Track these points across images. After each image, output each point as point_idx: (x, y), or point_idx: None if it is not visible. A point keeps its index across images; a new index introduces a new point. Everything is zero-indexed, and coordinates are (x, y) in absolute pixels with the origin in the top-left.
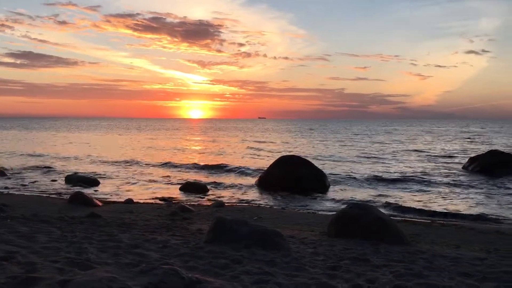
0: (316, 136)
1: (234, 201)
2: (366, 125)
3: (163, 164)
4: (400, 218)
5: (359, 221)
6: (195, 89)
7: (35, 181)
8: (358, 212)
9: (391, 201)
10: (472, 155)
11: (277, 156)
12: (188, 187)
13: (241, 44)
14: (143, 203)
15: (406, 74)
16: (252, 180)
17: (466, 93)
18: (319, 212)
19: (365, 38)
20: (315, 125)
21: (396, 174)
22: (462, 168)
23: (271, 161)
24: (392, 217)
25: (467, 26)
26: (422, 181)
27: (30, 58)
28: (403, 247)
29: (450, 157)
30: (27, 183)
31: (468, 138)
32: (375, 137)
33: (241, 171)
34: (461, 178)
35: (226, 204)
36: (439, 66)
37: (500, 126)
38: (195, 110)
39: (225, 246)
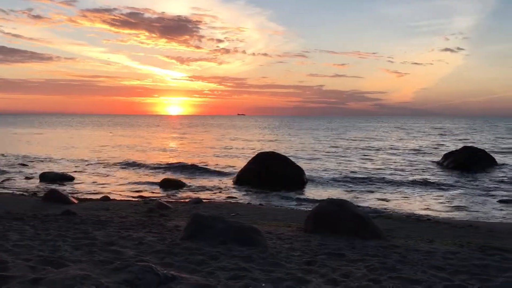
0: (294, 133)
1: (212, 197)
2: (344, 122)
3: (141, 161)
4: (376, 214)
5: (335, 216)
6: (173, 85)
7: (9, 179)
8: (335, 207)
9: (367, 197)
10: (446, 151)
11: (255, 152)
12: (166, 184)
13: (219, 40)
14: (120, 200)
15: (383, 71)
16: (231, 177)
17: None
18: (296, 208)
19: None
20: (294, 121)
21: (372, 171)
22: (437, 164)
23: (249, 158)
24: (368, 213)
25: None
26: (397, 177)
27: (4, 53)
28: (378, 242)
29: (426, 153)
30: (1, 181)
31: (442, 134)
32: (353, 133)
33: (219, 168)
34: (436, 173)
35: (203, 200)
36: (416, 63)
37: (473, 123)
38: (173, 106)
39: (201, 242)
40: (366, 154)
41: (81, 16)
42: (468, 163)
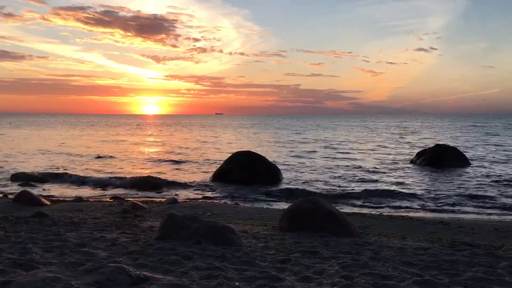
0: (270, 132)
1: (187, 197)
2: (319, 120)
3: (115, 160)
4: (350, 211)
5: (310, 214)
6: (149, 84)
7: None
8: (309, 206)
9: (342, 194)
10: (418, 149)
11: (232, 152)
12: (141, 184)
13: (196, 39)
14: (94, 201)
15: (359, 71)
16: (207, 176)
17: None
18: (272, 207)
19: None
20: (270, 121)
21: (348, 168)
22: (410, 162)
23: (226, 157)
24: (342, 210)
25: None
26: (371, 175)
27: None
28: (352, 239)
29: (398, 151)
30: None
31: (414, 132)
32: (328, 132)
33: (196, 167)
34: (409, 171)
35: (179, 200)
36: (391, 63)
37: (447, 121)
38: (150, 106)
39: (176, 242)
40: (340, 153)
41: (54, 14)
42: (440, 160)
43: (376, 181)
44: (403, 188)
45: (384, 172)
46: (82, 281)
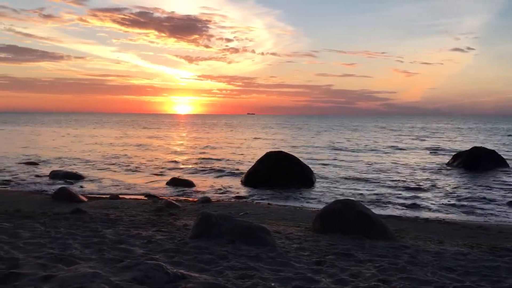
0: (305, 132)
1: (220, 197)
2: (353, 121)
3: (150, 159)
4: (385, 214)
5: (344, 216)
6: (182, 84)
7: (19, 176)
8: (343, 207)
9: (376, 197)
10: (456, 152)
11: (264, 152)
12: (174, 183)
13: (229, 40)
14: (129, 198)
15: (392, 71)
16: (239, 176)
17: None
18: (305, 208)
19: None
20: (304, 121)
21: (382, 170)
22: (446, 164)
23: (258, 157)
24: (377, 213)
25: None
26: (407, 177)
27: (15, 52)
28: (387, 242)
29: (435, 153)
30: (10, 179)
31: (452, 134)
32: (362, 132)
33: (228, 167)
34: (446, 174)
35: (212, 200)
36: (425, 63)
37: (483, 123)
38: (182, 105)
39: (210, 241)
40: (374, 154)
41: (91, 16)
42: (477, 163)
43: (411, 183)
44: (439, 191)
45: (419, 175)
46: (120, 277)
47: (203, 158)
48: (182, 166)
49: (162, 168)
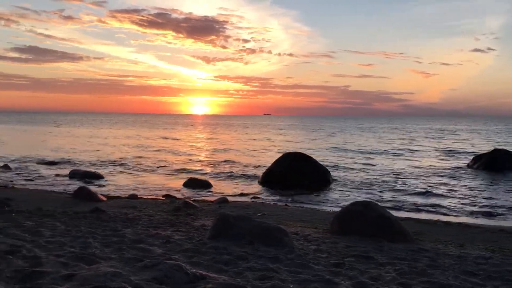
0: (322, 133)
1: (237, 197)
2: (370, 122)
3: (167, 159)
4: (403, 216)
5: (362, 218)
6: (199, 85)
7: (39, 175)
8: (361, 209)
9: (395, 198)
10: (476, 154)
11: (281, 152)
12: (191, 183)
13: (246, 40)
14: (147, 198)
15: (410, 72)
16: (256, 177)
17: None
18: (322, 209)
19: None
20: (320, 121)
21: (401, 171)
22: (466, 166)
23: (275, 158)
24: (395, 215)
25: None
26: (426, 179)
27: (35, 53)
28: (406, 245)
29: (454, 155)
30: (31, 177)
31: (472, 136)
32: (378, 134)
33: (245, 168)
34: (466, 176)
35: (229, 200)
36: (444, 64)
37: (505, 124)
38: (199, 106)
39: (228, 242)
40: (391, 155)
41: (110, 17)
42: (499, 165)
43: (430, 185)
44: (459, 194)
45: (438, 177)
46: (140, 276)
47: (220, 159)
48: (199, 167)
49: (179, 168)
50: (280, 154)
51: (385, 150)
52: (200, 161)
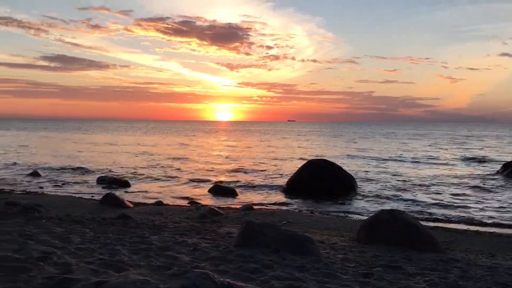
0: (346, 139)
1: (262, 204)
2: (395, 128)
3: (192, 166)
4: (432, 224)
5: (390, 227)
6: (223, 91)
7: (68, 182)
8: (389, 217)
9: (422, 206)
10: (506, 160)
11: (306, 159)
12: (216, 190)
13: (269, 47)
14: (172, 205)
15: (436, 77)
16: (281, 183)
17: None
18: (348, 217)
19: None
20: (344, 127)
21: (428, 179)
22: (496, 173)
23: (300, 164)
24: (423, 223)
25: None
26: (454, 187)
27: (64, 61)
28: (436, 255)
29: (482, 162)
30: (60, 184)
31: (500, 142)
32: (404, 140)
33: (270, 174)
34: (496, 183)
35: (254, 207)
36: (471, 68)
37: None
38: (223, 112)
39: (254, 250)
40: (421, 161)
41: (136, 25)
42: None
43: (458, 193)
44: (489, 202)
45: (467, 184)
46: (169, 285)
47: (244, 166)
48: (223, 174)
49: (204, 175)
50: (304, 161)
51: (411, 157)
52: (224, 168)
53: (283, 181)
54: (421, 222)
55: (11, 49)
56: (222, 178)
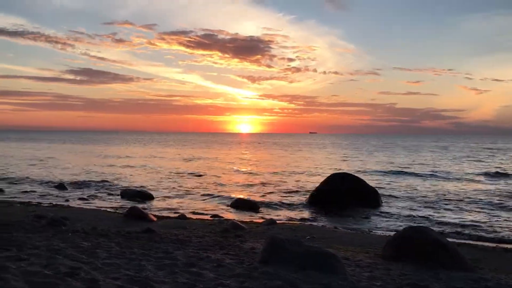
0: (368, 151)
1: (285, 219)
2: (418, 140)
3: (214, 179)
4: (459, 241)
5: (415, 244)
6: (244, 103)
7: (92, 195)
8: (415, 234)
9: (449, 222)
10: None
11: (328, 172)
12: (238, 204)
13: (290, 59)
14: (195, 219)
15: (460, 88)
16: (304, 198)
17: None
18: (373, 232)
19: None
20: (366, 139)
21: (454, 193)
22: None
23: (323, 178)
24: (450, 240)
25: None
26: (481, 202)
27: (89, 75)
28: (464, 273)
29: (509, 176)
30: (85, 197)
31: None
32: (427, 153)
33: (292, 188)
34: None
35: (277, 222)
36: (497, 80)
37: None
38: (244, 124)
39: (279, 266)
40: (447, 175)
41: (159, 39)
42: None
43: (485, 209)
44: None
45: (493, 199)
46: None
47: (266, 179)
48: (245, 187)
49: (226, 189)
50: (327, 175)
51: (437, 172)
52: (246, 182)
53: (305, 195)
54: (448, 239)
55: (39, 63)
56: (244, 192)
